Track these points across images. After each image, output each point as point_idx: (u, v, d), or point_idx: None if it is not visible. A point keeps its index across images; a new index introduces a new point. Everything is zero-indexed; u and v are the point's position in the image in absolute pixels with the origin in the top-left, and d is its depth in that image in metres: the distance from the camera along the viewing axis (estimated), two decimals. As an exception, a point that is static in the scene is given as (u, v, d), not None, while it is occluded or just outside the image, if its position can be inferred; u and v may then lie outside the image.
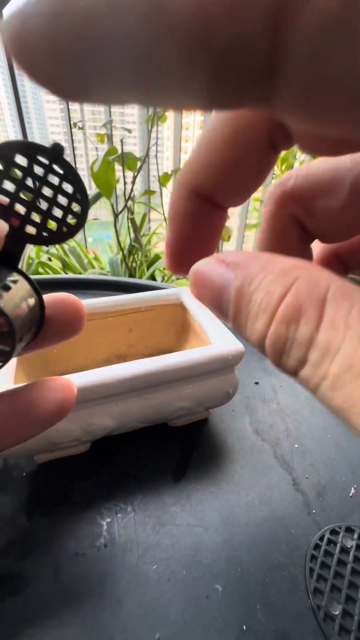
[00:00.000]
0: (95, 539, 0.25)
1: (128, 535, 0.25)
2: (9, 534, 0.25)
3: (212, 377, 0.29)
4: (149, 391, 0.27)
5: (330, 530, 0.26)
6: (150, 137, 0.78)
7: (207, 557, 0.24)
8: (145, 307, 0.36)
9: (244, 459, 0.31)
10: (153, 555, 0.24)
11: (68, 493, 0.28)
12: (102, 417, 0.27)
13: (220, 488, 0.29)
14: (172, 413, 0.29)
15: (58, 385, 0.13)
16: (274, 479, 0.30)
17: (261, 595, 0.22)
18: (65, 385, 0.13)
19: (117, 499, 0.27)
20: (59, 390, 0.13)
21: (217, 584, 0.23)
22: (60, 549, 0.24)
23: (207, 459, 0.31)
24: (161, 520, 0.26)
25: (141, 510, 0.27)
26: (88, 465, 0.30)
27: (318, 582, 0.23)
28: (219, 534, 0.25)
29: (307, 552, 0.25)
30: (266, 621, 0.21)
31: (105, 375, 0.25)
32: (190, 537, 0.25)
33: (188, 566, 0.23)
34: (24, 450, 0.25)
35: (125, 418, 0.28)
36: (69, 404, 0.13)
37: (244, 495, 0.28)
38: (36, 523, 0.26)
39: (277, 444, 0.33)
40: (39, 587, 0.22)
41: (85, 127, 1.08)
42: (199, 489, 0.28)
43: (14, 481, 0.28)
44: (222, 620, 0.21)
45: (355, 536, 0.26)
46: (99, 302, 0.34)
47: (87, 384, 0.24)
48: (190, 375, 0.28)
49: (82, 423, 0.26)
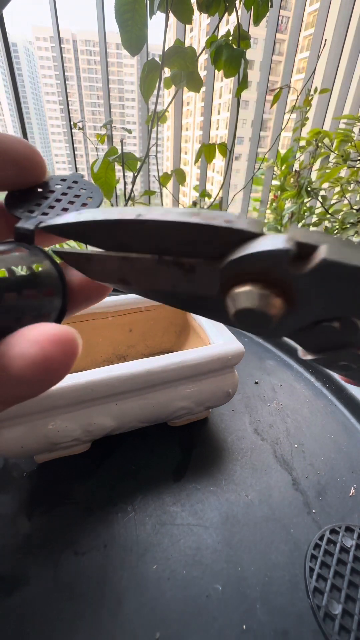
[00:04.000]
0: (95, 539, 0.25)
1: (128, 535, 0.25)
2: (9, 533, 0.25)
3: (212, 377, 0.29)
4: (149, 391, 0.27)
5: (330, 529, 0.26)
6: (150, 137, 0.78)
7: (207, 557, 0.24)
8: (146, 307, 0.36)
9: (244, 459, 0.31)
10: (153, 554, 0.24)
11: (68, 493, 0.28)
12: (102, 417, 0.27)
13: (220, 488, 0.29)
14: (172, 413, 0.29)
15: (35, 335, 0.09)
16: (274, 478, 0.30)
17: (261, 594, 0.22)
18: (46, 337, 0.09)
19: (117, 498, 0.27)
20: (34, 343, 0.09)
21: (217, 584, 0.23)
22: (60, 548, 0.24)
23: (207, 459, 0.31)
24: (161, 519, 0.26)
25: (141, 510, 0.27)
26: (88, 465, 0.30)
27: (318, 582, 0.23)
28: (218, 533, 0.25)
29: (307, 552, 0.25)
30: (266, 621, 0.21)
31: (105, 375, 0.25)
32: (190, 536, 0.25)
33: (188, 566, 0.23)
34: (24, 450, 0.25)
35: (125, 418, 0.28)
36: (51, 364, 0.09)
37: (243, 494, 0.28)
38: (36, 523, 0.26)
39: (276, 444, 0.33)
40: (39, 586, 0.22)
41: (85, 128, 1.08)
42: (198, 488, 0.28)
43: (14, 481, 0.28)
44: (222, 619, 0.21)
45: (355, 536, 0.26)
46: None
47: (87, 384, 0.24)
48: (190, 375, 0.28)
49: (82, 423, 0.26)
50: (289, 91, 1.05)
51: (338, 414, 0.37)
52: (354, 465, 0.31)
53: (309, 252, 0.08)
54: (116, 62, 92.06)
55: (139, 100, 0.93)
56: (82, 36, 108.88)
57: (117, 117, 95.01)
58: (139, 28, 0.58)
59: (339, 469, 0.31)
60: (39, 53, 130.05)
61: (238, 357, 0.28)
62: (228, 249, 0.09)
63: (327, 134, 1.05)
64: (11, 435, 0.25)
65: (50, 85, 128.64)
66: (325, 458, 0.32)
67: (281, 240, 0.08)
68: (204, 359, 0.27)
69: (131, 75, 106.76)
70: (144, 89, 0.68)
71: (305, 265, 0.08)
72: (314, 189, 1.12)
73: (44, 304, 0.11)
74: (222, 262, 0.09)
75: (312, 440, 0.34)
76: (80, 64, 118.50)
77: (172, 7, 0.60)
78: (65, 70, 1.11)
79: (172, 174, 0.98)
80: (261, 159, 1.23)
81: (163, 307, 0.37)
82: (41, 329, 0.10)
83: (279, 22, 1.06)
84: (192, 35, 33.55)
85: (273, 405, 0.38)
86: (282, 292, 0.09)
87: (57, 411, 0.25)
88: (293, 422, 0.35)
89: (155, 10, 0.59)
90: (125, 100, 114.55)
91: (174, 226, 0.09)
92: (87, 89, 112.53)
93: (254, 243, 0.09)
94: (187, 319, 0.37)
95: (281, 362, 0.45)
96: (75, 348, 0.10)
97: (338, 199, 1.12)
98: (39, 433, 0.25)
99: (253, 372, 0.42)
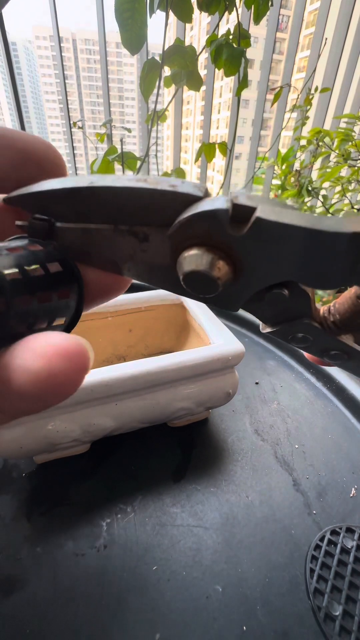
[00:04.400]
0: (95, 540, 0.25)
1: (128, 535, 0.25)
2: (8, 534, 0.25)
3: (212, 377, 0.29)
4: (149, 391, 0.27)
5: (330, 530, 0.26)
6: (150, 136, 0.78)
7: (207, 558, 0.24)
8: (146, 307, 0.36)
9: (244, 460, 0.31)
10: (153, 555, 0.24)
11: (68, 493, 0.28)
12: (102, 418, 0.27)
13: (220, 488, 0.29)
14: (172, 413, 0.29)
15: (41, 346, 0.08)
16: (274, 479, 0.30)
17: (261, 595, 0.22)
18: (53, 350, 0.08)
19: (116, 499, 0.27)
20: (39, 356, 0.08)
21: (217, 585, 0.23)
22: (59, 549, 0.24)
23: (207, 460, 0.31)
24: (161, 520, 0.26)
25: (141, 511, 0.27)
26: (88, 466, 0.30)
27: (318, 583, 0.23)
28: (219, 534, 0.25)
29: (308, 553, 0.24)
30: (266, 622, 0.21)
31: (105, 375, 0.25)
32: (190, 537, 0.25)
33: (188, 567, 0.23)
34: (24, 450, 0.25)
35: (125, 418, 0.28)
36: (56, 380, 0.08)
37: (244, 495, 0.28)
38: (36, 523, 0.25)
39: (277, 444, 0.33)
40: (38, 587, 0.22)
41: (85, 127, 1.08)
42: (199, 489, 0.28)
43: (14, 481, 0.28)
44: (222, 620, 0.21)
45: (356, 537, 0.25)
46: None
47: (87, 384, 0.24)
48: (190, 375, 0.28)
49: (82, 423, 0.26)
50: (289, 90, 1.05)
51: (339, 415, 0.37)
52: (354, 466, 0.31)
53: (247, 215, 0.08)
54: (116, 61, 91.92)
55: (139, 99, 0.93)
56: (82, 35, 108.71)
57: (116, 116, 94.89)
58: (138, 27, 0.57)
59: (340, 470, 0.31)
60: (39, 52, 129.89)
61: (238, 358, 0.28)
62: (175, 215, 0.09)
63: (327, 133, 1.04)
64: (11, 435, 0.25)
65: (49, 85, 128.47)
66: (326, 459, 0.32)
67: (220, 201, 0.09)
68: (204, 359, 0.27)
69: (131, 74, 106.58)
70: (143, 88, 0.68)
71: (244, 227, 0.09)
72: (314, 189, 1.12)
73: (58, 307, 0.10)
74: (170, 228, 0.09)
75: (313, 440, 0.34)
76: (79, 63, 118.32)
77: (172, 5, 0.59)
78: (65, 69, 1.10)
79: (172, 173, 0.97)
80: (261, 158, 1.23)
81: (163, 307, 0.37)
82: (48, 339, 0.09)
83: (279, 21, 1.06)
84: (192, 34, 33.49)
85: (273, 405, 0.38)
86: (226, 255, 0.09)
87: (56, 412, 0.25)
88: (294, 423, 0.35)
89: (155, 9, 0.59)
90: (125, 99, 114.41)
91: (122, 192, 0.09)
92: (86, 88, 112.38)
93: (196, 205, 0.09)
94: (187, 319, 0.37)
95: (282, 362, 0.45)
96: (86, 362, 0.09)
97: (339, 199, 1.12)
98: (38, 433, 0.25)
99: (253, 372, 0.42)
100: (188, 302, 0.36)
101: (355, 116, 1.00)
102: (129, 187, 0.09)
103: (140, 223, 0.10)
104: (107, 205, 0.09)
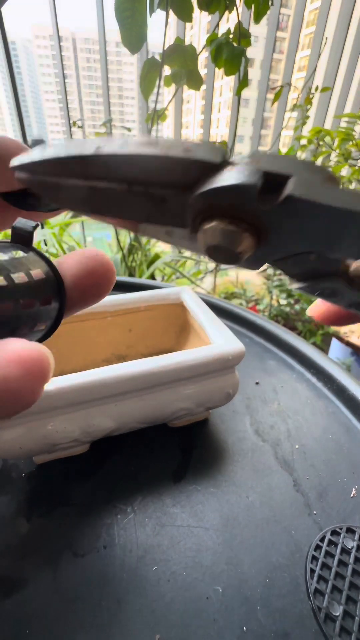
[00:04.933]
0: (95, 541, 0.25)
1: (127, 536, 0.25)
2: (7, 535, 0.25)
3: (212, 378, 0.29)
4: (149, 391, 0.27)
5: (331, 531, 0.26)
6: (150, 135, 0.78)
7: (207, 559, 0.24)
8: (145, 306, 0.36)
9: (245, 460, 0.31)
10: (153, 556, 0.24)
11: (67, 494, 0.28)
12: (102, 418, 0.27)
13: (221, 489, 0.29)
14: (172, 413, 0.29)
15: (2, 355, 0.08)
16: (275, 479, 0.30)
17: (261, 596, 0.22)
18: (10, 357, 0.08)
19: (116, 500, 0.27)
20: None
21: (217, 586, 0.23)
22: (59, 550, 0.24)
23: (207, 460, 0.31)
24: (161, 521, 0.26)
25: (141, 512, 0.26)
26: (87, 466, 0.30)
27: (319, 584, 0.23)
28: (219, 535, 0.25)
29: (308, 553, 0.24)
30: (266, 622, 0.21)
31: (104, 375, 0.25)
32: (190, 538, 0.25)
33: (188, 567, 0.23)
34: (23, 451, 0.25)
35: (125, 419, 0.28)
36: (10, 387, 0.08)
37: (244, 496, 0.28)
38: (35, 524, 0.25)
39: (277, 445, 0.33)
40: (37, 588, 0.22)
41: (84, 126, 1.08)
42: (199, 489, 0.28)
43: (13, 482, 0.28)
44: (222, 621, 0.21)
45: (356, 537, 0.25)
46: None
47: (86, 384, 0.24)
48: (190, 375, 0.27)
49: (82, 424, 0.26)
50: (289, 89, 1.05)
51: (339, 415, 0.37)
52: (355, 466, 0.31)
53: (277, 185, 0.08)
54: (116, 60, 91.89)
55: (139, 99, 0.92)
56: (82, 34, 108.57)
57: (116, 115, 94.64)
58: (138, 26, 0.57)
59: (340, 470, 0.31)
60: (38, 51, 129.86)
61: (239, 358, 0.28)
62: (193, 182, 0.09)
63: (328, 133, 1.04)
64: (10, 436, 0.24)
65: (49, 84, 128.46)
66: (327, 459, 0.32)
67: (248, 173, 0.08)
68: (204, 359, 0.27)
69: (131, 73, 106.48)
70: (143, 87, 0.68)
71: (273, 201, 0.08)
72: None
73: (39, 313, 0.10)
74: (191, 194, 0.09)
75: (314, 441, 0.33)
76: (79, 62, 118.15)
77: (172, 4, 0.59)
78: (65, 68, 1.10)
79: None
80: (262, 157, 1.22)
81: (163, 307, 0.37)
82: (7, 345, 0.08)
83: (279, 20, 1.05)
84: (193, 33, 33.44)
85: (274, 406, 0.38)
86: (251, 226, 0.09)
87: (56, 412, 0.25)
88: (294, 423, 0.35)
89: (155, 8, 0.58)
90: (124, 99, 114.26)
91: (132, 159, 0.09)
92: (86, 88, 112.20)
93: (220, 176, 0.08)
94: (187, 319, 0.37)
95: (282, 362, 0.45)
96: (44, 370, 0.09)
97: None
98: (37, 434, 0.25)
99: (254, 372, 0.42)
100: (188, 302, 0.36)
101: (356, 115, 0.99)
102: (139, 155, 0.08)
103: (157, 186, 0.09)
104: (117, 171, 0.09)
